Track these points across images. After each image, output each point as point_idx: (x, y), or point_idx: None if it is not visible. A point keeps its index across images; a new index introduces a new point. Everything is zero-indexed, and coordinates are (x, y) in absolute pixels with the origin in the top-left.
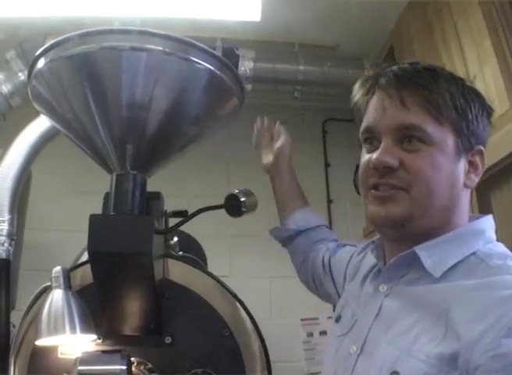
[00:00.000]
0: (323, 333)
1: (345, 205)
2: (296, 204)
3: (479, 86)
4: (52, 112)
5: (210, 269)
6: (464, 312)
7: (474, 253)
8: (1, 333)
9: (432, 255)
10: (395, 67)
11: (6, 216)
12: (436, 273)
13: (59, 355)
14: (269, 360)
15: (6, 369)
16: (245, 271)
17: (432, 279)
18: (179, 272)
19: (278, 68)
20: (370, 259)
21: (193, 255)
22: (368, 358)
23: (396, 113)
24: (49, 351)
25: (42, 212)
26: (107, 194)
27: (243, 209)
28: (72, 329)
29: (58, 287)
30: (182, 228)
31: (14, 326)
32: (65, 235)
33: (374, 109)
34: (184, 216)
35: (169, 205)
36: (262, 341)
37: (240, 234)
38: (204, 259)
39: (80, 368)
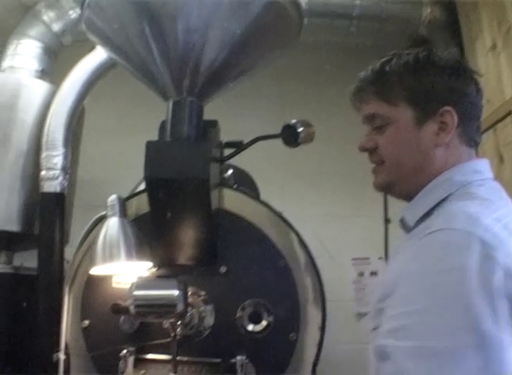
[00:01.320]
0: (374, 273)
1: None
2: None
3: None
4: (107, 42)
5: None
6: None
7: (445, 199)
8: (55, 267)
9: (409, 212)
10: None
11: (61, 150)
12: (411, 225)
13: (113, 285)
14: (324, 293)
15: (61, 300)
16: (298, 209)
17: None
18: (234, 202)
19: (333, 1)
20: None
21: (247, 189)
22: None
23: (363, 108)
24: (103, 280)
25: (95, 149)
26: (163, 123)
27: (300, 140)
28: (129, 255)
29: (113, 215)
30: (237, 164)
31: (68, 262)
32: (117, 172)
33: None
34: (239, 146)
35: (223, 138)
36: (317, 273)
37: (294, 172)
38: (258, 195)
39: (135, 293)
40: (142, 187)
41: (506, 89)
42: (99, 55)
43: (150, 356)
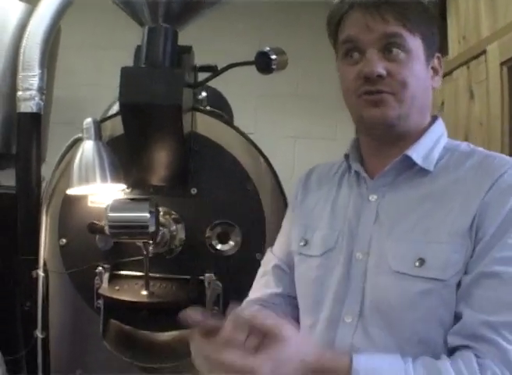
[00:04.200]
0: None
1: None
2: None
3: None
4: None
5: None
6: (472, 187)
7: (444, 147)
8: (33, 185)
9: (419, 153)
10: None
11: (37, 71)
12: (429, 167)
13: (89, 204)
14: None
15: (39, 220)
16: (270, 130)
17: (425, 175)
18: (206, 126)
19: None
20: (330, 173)
21: (221, 110)
22: (379, 258)
23: (378, 26)
24: (79, 200)
25: (72, 66)
26: (138, 48)
27: (273, 67)
28: (103, 178)
29: (89, 138)
30: (210, 84)
31: (44, 179)
32: (94, 89)
33: (356, 23)
34: (213, 70)
35: (198, 61)
36: (285, 198)
37: (267, 94)
38: (231, 116)
39: (110, 214)
40: (115, 107)
41: (483, 28)
42: None
43: (124, 273)
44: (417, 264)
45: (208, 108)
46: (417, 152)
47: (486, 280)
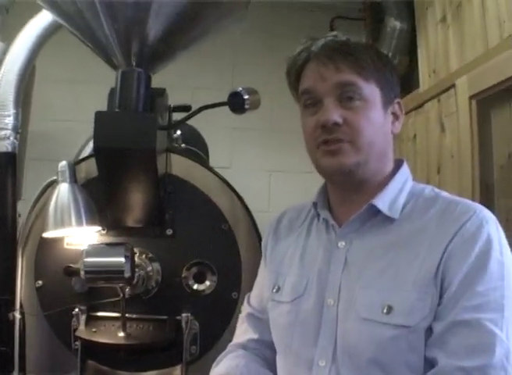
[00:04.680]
0: None
1: None
2: None
3: (491, 6)
4: (55, 7)
5: (212, 160)
6: (436, 234)
7: (410, 192)
8: (9, 224)
9: (385, 202)
10: (323, 40)
11: (11, 111)
12: (395, 215)
13: (65, 246)
14: None
15: (15, 258)
16: (246, 164)
17: (391, 222)
18: (181, 166)
19: None
20: (299, 219)
21: (196, 147)
22: (348, 304)
23: (333, 75)
24: (56, 241)
25: (49, 100)
26: (112, 91)
27: (246, 107)
28: (79, 221)
29: (64, 181)
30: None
31: (20, 216)
32: (71, 123)
33: (311, 74)
34: (187, 110)
35: (172, 97)
36: (260, 237)
37: (242, 127)
38: (206, 151)
39: (85, 260)
40: (90, 146)
41: (452, 62)
42: None
43: (101, 314)
44: (385, 311)
45: (183, 145)
46: (382, 201)
47: (458, 328)
